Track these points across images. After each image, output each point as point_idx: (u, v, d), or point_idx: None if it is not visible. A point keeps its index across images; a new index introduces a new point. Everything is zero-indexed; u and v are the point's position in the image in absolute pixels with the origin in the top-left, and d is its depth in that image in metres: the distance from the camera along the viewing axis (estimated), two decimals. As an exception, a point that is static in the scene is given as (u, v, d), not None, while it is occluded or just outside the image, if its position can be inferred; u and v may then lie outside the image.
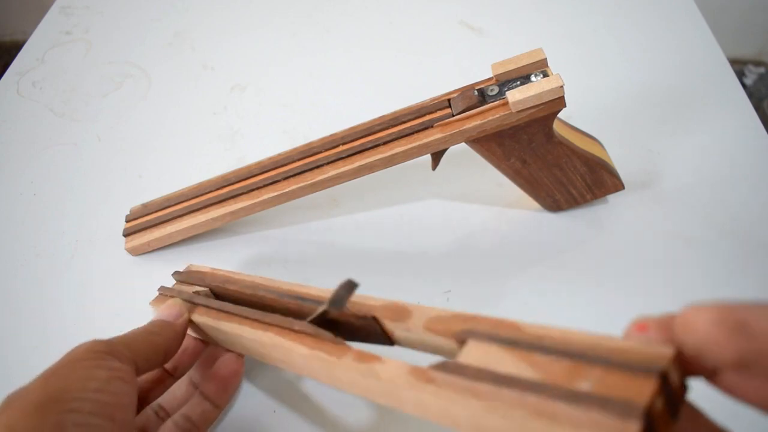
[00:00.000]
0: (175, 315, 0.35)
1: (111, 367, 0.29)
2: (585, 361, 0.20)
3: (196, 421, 0.35)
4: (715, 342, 0.17)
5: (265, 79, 0.62)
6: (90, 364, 0.28)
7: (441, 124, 0.41)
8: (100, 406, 0.27)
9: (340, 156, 0.43)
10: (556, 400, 0.20)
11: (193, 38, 0.67)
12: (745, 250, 0.46)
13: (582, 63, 0.61)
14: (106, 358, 0.29)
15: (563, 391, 0.20)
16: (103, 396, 0.27)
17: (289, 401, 0.40)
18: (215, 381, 0.36)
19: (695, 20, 0.65)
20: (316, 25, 0.68)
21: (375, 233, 0.48)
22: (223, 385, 0.36)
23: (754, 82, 1.58)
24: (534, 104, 0.39)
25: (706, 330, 0.17)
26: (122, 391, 0.28)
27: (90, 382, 0.27)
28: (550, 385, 0.20)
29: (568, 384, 0.20)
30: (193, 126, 0.58)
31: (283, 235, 0.49)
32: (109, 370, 0.28)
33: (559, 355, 0.21)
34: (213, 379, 0.36)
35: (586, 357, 0.20)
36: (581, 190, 0.47)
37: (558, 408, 0.19)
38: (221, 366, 0.37)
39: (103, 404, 0.27)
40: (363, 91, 0.60)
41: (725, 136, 0.54)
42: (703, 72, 0.60)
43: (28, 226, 0.50)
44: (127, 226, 0.48)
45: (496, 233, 0.48)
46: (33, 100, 0.61)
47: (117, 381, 0.28)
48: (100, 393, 0.27)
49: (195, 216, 0.46)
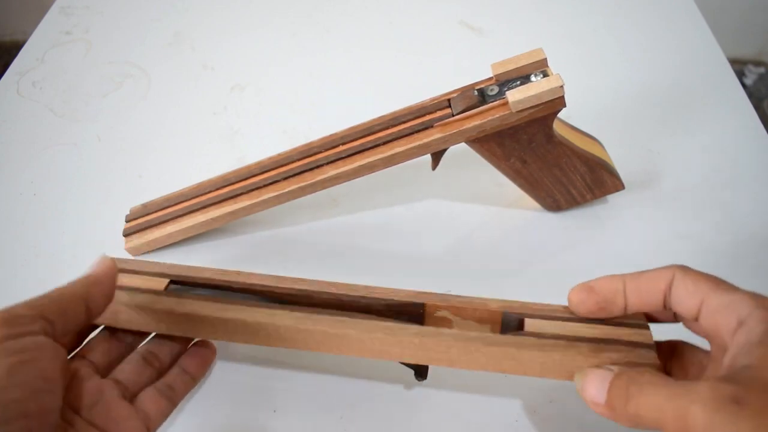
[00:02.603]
0: (98, 266, 0.30)
1: (12, 350, 0.24)
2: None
3: (176, 389, 0.35)
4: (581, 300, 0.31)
5: (265, 79, 0.62)
6: None
7: (441, 124, 0.41)
8: (5, 406, 0.23)
9: (340, 156, 0.43)
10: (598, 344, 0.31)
11: (193, 38, 0.67)
12: (745, 250, 0.46)
13: (582, 63, 0.61)
14: (3, 339, 0.24)
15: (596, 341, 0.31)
16: (8, 394, 0.23)
17: (289, 401, 0.40)
18: (196, 357, 0.37)
19: (695, 20, 0.65)
20: (316, 25, 0.68)
21: (375, 233, 0.48)
22: (202, 359, 0.37)
23: (754, 82, 1.58)
24: (534, 104, 0.39)
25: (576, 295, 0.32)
26: (35, 374, 0.24)
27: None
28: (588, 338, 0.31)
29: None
30: (193, 126, 0.58)
31: (283, 235, 0.49)
32: (9, 355, 0.24)
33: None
34: (194, 355, 0.37)
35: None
36: (581, 190, 0.47)
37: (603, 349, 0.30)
38: (200, 344, 0.37)
39: (9, 403, 0.23)
40: (363, 91, 0.60)
41: (725, 136, 0.54)
42: (703, 72, 0.60)
43: (28, 226, 0.50)
44: (127, 226, 0.48)
45: (496, 233, 0.48)
46: (33, 100, 0.61)
47: (24, 366, 0.24)
48: (4, 391, 0.23)
49: (195, 216, 0.46)
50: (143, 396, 0.33)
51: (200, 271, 0.36)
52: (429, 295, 0.35)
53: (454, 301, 0.34)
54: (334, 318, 0.33)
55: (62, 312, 0.27)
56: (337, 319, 0.33)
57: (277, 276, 0.36)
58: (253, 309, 0.33)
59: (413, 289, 0.35)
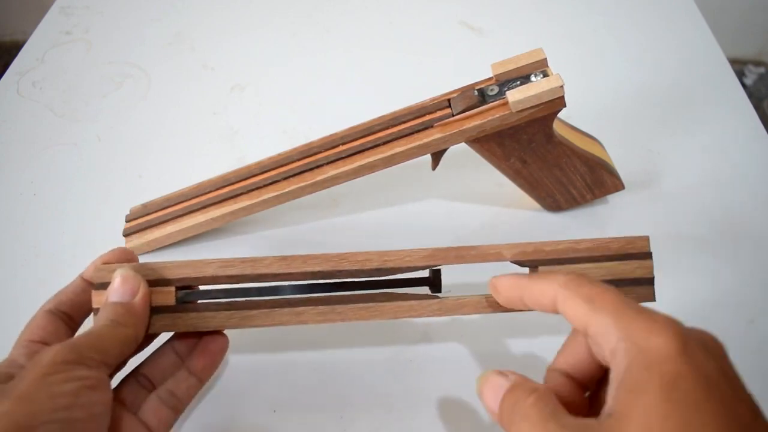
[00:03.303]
0: (130, 292, 0.32)
1: (80, 377, 0.27)
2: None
3: (180, 396, 0.34)
4: (493, 292, 0.33)
5: (265, 79, 0.62)
6: (58, 378, 0.26)
7: (441, 124, 0.41)
8: (70, 424, 0.26)
9: (340, 156, 0.43)
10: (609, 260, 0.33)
11: (193, 38, 0.67)
12: (745, 250, 0.46)
13: (582, 63, 0.61)
14: (74, 368, 0.27)
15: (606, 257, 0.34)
16: (73, 413, 0.26)
17: (289, 401, 0.40)
18: (203, 356, 0.35)
19: (695, 20, 0.65)
20: (316, 25, 0.68)
21: (375, 233, 0.48)
22: (210, 360, 0.35)
23: (754, 82, 1.58)
24: (534, 104, 0.39)
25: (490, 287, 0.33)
26: (94, 401, 0.27)
27: (59, 399, 0.26)
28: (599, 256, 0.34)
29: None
30: (193, 126, 0.58)
31: (283, 235, 0.49)
32: (78, 380, 0.27)
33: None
34: (201, 355, 0.35)
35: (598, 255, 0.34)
36: (581, 190, 0.47)
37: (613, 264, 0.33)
38: (209, 342, 0.36)
39: (73, 421, 0.26)
40: (363, 91, 0.60)
41: (725, 136, 0.54)
42: (703, 72, 0.60)
43: (28, 226, 0.50)
44: (127, 226, 0.48)
45: (496, 233, 0.48)
46: (33, 100, 0.61)
47: (87, 392, 0.27)
48: (70, 410, 0.26)
49: (195, 216, 0.46)
50: (146, 407, 0.33)
51: (202, 267, 0.34)
52: (443, 251, 0.35)
53: (468, 257, 0.35)
54: (357, 307, 0.34)
55: (118, 355, 0.30)
56: (361, 306, 0.34)
57: (284, 257, 0.34)
58: (277, 312, 0.34)
59: (424, 248, 0.35)
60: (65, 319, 0.33)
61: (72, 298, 0.33)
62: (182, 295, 0.34)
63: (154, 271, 0.33)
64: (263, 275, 0.34)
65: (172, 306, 0.33)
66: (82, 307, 0.34)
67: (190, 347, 0.36)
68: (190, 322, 0.33)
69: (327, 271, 0.34)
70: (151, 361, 0.35)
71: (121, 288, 0.32)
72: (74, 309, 0.33)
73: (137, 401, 0.33)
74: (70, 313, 0.33)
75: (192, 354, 0.35)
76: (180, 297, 0.34)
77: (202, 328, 0.33)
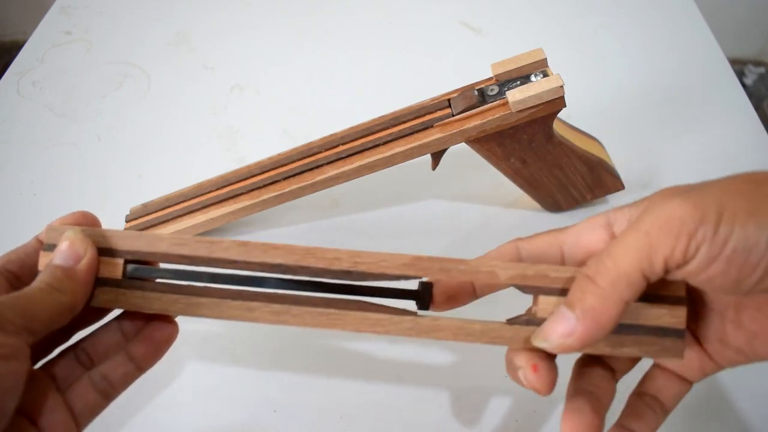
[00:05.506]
0: (75, 256, 0.28)
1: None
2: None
3: (114, 383, 0.30)
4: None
5: (265, 79, 0.62)
6: None
7: (441, 124, 0.41)
8: None
9: (340, 156, 0.43)
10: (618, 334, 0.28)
11: (193, 38, 0.67)
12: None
13: (582, 63, 0.61)
14: None
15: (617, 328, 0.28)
16: None
17: (289, 401, 0.40)
18: (145, 343, 0.31)
19: (695, 20, 0.65)
20: (316, 25, 0.68)
21: (375, 233, 0.48)
22: (152, 349, 0.31)
23: (754, 82, 1.58)
24: (534, 104, 0.39)
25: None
26: (2, 371, 0.23)
27: None
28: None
29: None
30: (193, 126, 0.58)
31: (283, 235, 0.49)
32: None
33: None
34: (143, 341, 0.31)
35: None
36: (581, 190, 0.47)
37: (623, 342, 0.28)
38: (156, 329, 0.31)
39: None
40: (363, 91, 0.60)
41: (725, 136, 0.54)
42: (703, 72, 0.60)
43: (28, 226, 0.50)
44: (127, 226, 0.48)
45: (496, 233, 0.48)
46: (33, 100, 0.61)
47: (2, 362, 0.23)
48: None
49: (195, 216, 0.46)
50: (76, 386, 0.29)
51: (156, 241, 0.30)
52: (426, 261, 0.30)
53: (455, 272, 0.31)
54: (316, 311, 0.30)
55: (47, 323, 0.26)
56: (321, 311, 0.30)
57: (243, 243, 0.30)
58: (228, 303, 0.30)
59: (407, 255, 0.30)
60: (11, 278, 0.29)
61: (23, 258, 0.30)
62: (132, 269, 0.30)
63: (105, 239, 0.30)
64: (219, 260, 0.30)
65: (118, 280, 0.30)
66: (33, 269, 0.30)
67: (137, 329, 0.31)
68: (133, 301, 0.30)
69: (289, 265, 0.29)
70: (94, 336, 0.31)
71: (67, 251, 0.28)
72: (23, 269, 0.30)
73: (70, 378, 0.30)
74: (17, 273, 0.29)
75: (135, 338, 0.31)
76: (129, 271, 0.30)
77: (145, 309, 0.30)
